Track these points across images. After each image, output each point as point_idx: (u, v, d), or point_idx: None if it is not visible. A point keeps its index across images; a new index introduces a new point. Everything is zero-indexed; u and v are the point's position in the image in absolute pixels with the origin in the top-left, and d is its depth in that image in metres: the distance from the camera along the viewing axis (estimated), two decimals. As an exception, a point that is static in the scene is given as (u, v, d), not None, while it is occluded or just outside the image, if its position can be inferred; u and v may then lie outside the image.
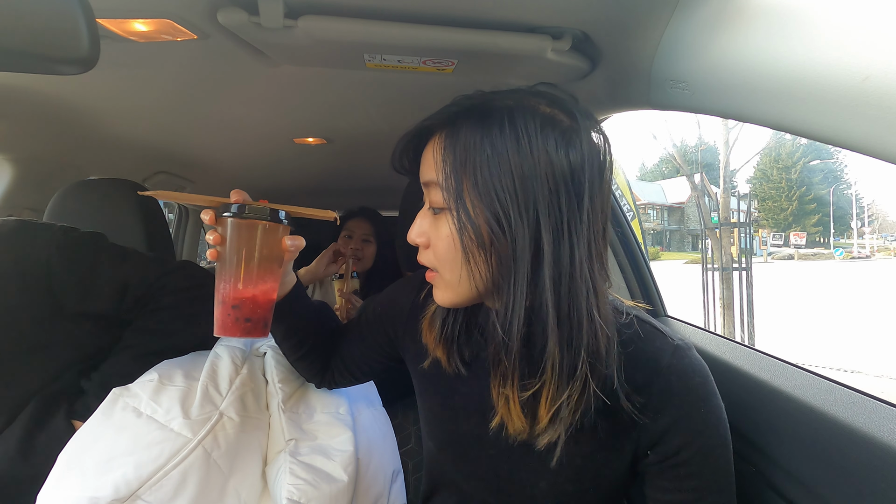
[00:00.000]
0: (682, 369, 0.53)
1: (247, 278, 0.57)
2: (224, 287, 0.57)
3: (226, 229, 0.57)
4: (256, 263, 0.58)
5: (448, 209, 0.50)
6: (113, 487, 0.58)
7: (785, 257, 29.45)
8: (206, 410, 0.69)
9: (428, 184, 0.53)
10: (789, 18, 0.46)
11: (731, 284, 6.34)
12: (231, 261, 0.57)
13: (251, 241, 0.58)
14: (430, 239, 0.54)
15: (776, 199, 36.00)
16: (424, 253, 0.55)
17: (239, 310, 0.57)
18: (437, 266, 0.54)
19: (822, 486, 0.54)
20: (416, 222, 0.55)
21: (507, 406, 0.51)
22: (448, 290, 0.54)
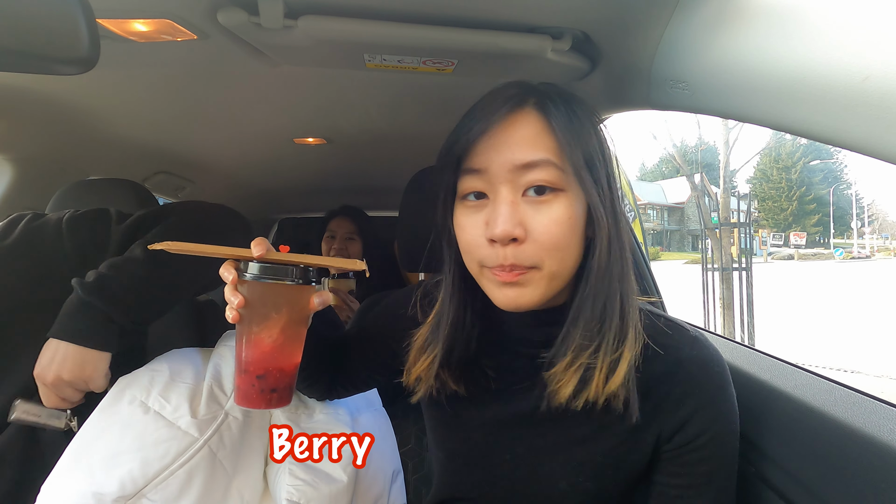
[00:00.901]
0: (703, 360, 0.54)
1: (274, 346, 0.51)
2: (248, 355, 0.51)
3: (249, 291, 0.50)
4: (284, 329, 0.51)
5: (566, 190, 0.48)
6: (119, 484, 0.58)
7: (785, 257, 29.46)
8: (212, 410, 0.69)
9: (532, 164, 0.47)
10: (789, 18, 0.46)
11: (731, 284, 6.34)
12: (256, 327, 0.51)
13: (279, 305, 0.51)
14: (528, 228, 0.48)
15: (776, 199, 36.02)
16: (520, 249, 0.47)
17: (264, 380, 0.52)
18: (539, 259, 0.48)
19: (822, 486, 0.54)
20: (505, 211, 0.47)
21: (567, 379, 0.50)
22: (542, 286, 0.49)
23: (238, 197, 2.28)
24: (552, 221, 0.47)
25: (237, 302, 0.49)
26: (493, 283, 0.51)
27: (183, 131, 1.29)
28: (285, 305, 0.51)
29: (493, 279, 0.50)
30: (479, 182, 0.50)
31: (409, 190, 1.00)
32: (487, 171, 0.49)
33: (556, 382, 0.51)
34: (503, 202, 0.48)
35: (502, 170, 0.48)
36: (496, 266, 0.49)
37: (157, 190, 1.74)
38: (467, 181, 0.51)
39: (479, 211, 0.51)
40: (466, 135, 0.50)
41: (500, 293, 0.50)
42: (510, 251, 0.48)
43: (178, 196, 2.00)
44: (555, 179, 0.48)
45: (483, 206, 0.50)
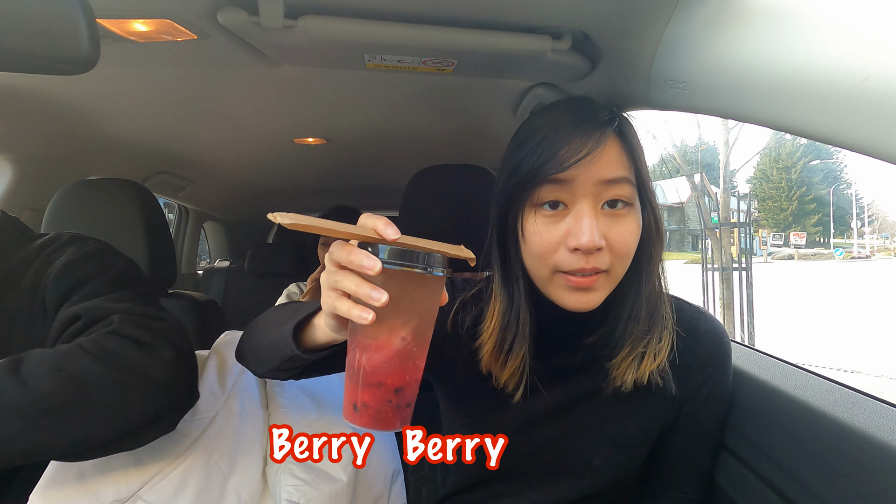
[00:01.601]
0: (717, 333, 0.64)
1: (412, 355, 0.42)
2: (385, 364, 0.41)
3: (392, 284, 0.40)
4: (421, 333, 0.43)
5: (634, 205, 0.54)
6: (114, 487, 0.58)
7: (785, 257, 29.46)
8: (206, 410, 0.69)
9: (614, 180, 0.52)
10: (789, 19, 0.46)
11: (731, 284, 6.34)
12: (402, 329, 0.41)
13: (425, 299, 0.42)
14: (607, 239, 0.52)
15: (776, 199, 36.00)
16: (600, 256, 0.52)
17: (402, 394, 0.42)
18: (612, 265, 0.53)
19: (822, 486, 0.54)
20: (590, 224, 0.51)
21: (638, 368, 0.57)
22: (608, 288, 0.55)
23: (238, 197, 2.28)
24: (627, 232, 0.53)
25: (384, 298, 0.38)
26: (565, 288, 0.54)
27: (183, 131, 1.29)
28: (425, 301, 0.42)
29: (565, 284, 0.54)
30: (563, 192, 0.53)
31: (409, 190, 1.00)
32: (573, 182, 0.52)
33: (618, 370, 0.58)
34: (587, 214, 0.52)
35: (588, 183, 0.52)
36: (575, 270, 0.52)
37: (157, 190, 1.74)
38: (549, 190, 0.53)
39: (557, 220, 0.53)
40: (555, 146, 0.52)
41: (572, 297, 0.54)
42: (591, 259, 0.52)
43: (178, 196, 2.00)
44: (629, 195, 0.54)
45: (561, 215, 0.53)
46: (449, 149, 1.53)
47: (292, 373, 0.58)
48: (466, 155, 1.53)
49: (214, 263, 2.80)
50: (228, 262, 2.73)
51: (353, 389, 0.42)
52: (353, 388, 0.42)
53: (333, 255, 0.41)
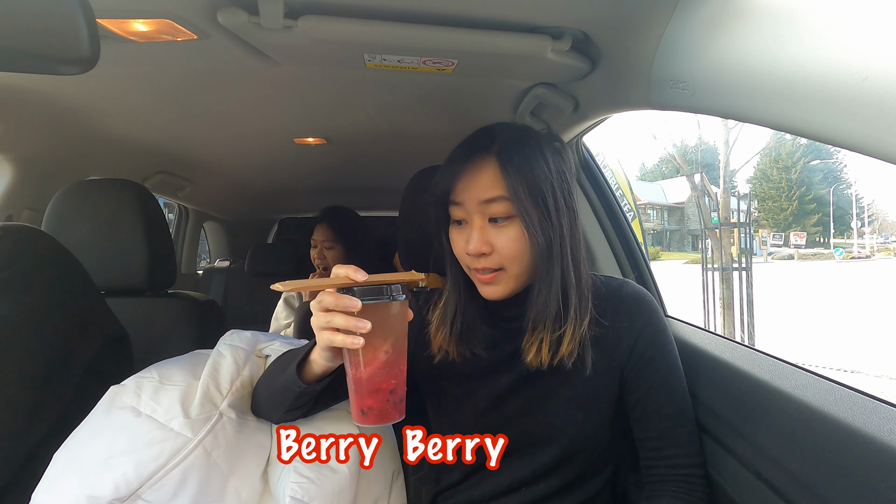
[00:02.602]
0: (637, 293, 0.75)
1: (398, 359, 0.55)
2: (379, 374, 0.54)
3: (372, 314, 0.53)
4: (400, 343, 0.56)
5: (517, 216, 0.65)
6: (113, 486, 0.58)
7: (785, 257, 29.45)
8: (207, 410, 0.69)
9: (492, 199, 0.65)
10: (789, 18, 0.46)
11: (731, 284, 6.35)
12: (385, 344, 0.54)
13: (400, 321, 0.56)
14: (493, 245, 0.66)
15: (776, 199, 35.98)
16: (488, 258, 0.66)
17: (395, 393, 0.55)
18: (504, 265, 0.67)
19: (822, 486, 0.54)
20: (476, 235, 0.66)
21: (539, 347, 0.68)
22: (510, 283, 0.68)
23: (238, 197, 2.28)
24: (509, 240, 0.66)
25: (367, 326, 0.51)
26: (477, 281, 0.70)
27: (183, 131, 1.29)
28: (398, 320, 0.55)
29: (476, 279, 0.70)
30: (460, 212, 0.68)
31: (410, 190, 1.00)
32: (464, 204, 0.67)
33: (527, 346, 0.69)
34: (475, 228, 0.67)
35: (473, 203, 0.66)
36: (474, 269, 0.69)
37: (157, 190, 1.74)
38: (454, 211, 0.69)
39: (462, 231, 0.69)
40: (449, 176, 0.67)
41: (482, 288, 0.70)
42: (482, 260, 0.67)
43: (178, 196, 2.00)
44: (508, 211, 0.65)
45: (464, 228, 0.69)
46: (449, 149, 1.52)
47: (303, 410, 0.69)
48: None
49: (214, 263, 2.80)
50: (228, 262, 2.73)
51: (358, 399, 0.55)
52: (358, 398, 0.55)
53: (323, 303, 0.53)
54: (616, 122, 0.97)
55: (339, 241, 1.68)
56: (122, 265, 1.03)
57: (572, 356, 0.67)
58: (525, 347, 0.69)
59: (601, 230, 1.28)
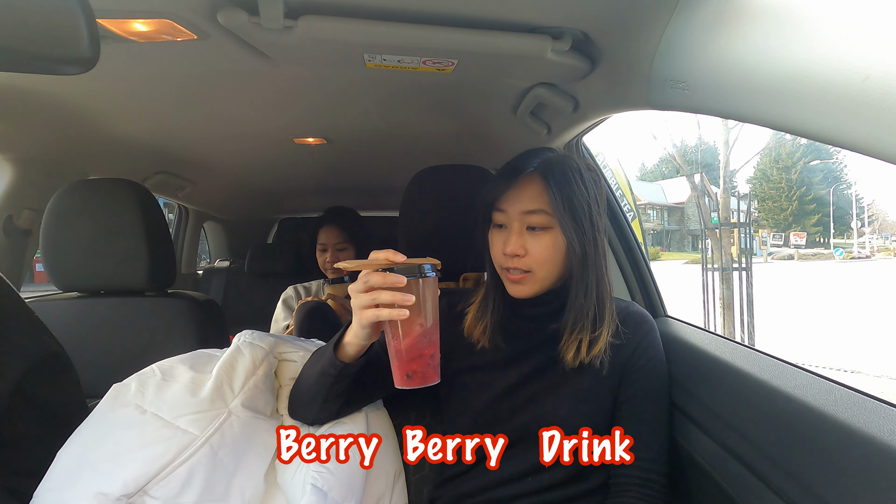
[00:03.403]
0: (640, 312, 0.84)
1: (433, 329, 0.63)
2: (420, 340, 0.62)
3: (417, 289, 0.61)
4: (435, 314, 0.64)
5: (553, 227, 0.74)
6: (122, 483, 0.59)
7: (785, 257, 29.44)
8: (217, 406, 0.69)
9: (533, 211, 0.74)
10: (789, 18, 0.46)
11: (731, 284, 6.34)
12: (424, 316, 0.62)
13: (433, 295, 0.63)
14: (528, 249, 0.74)
15: (776, 199, 35.96)
16: (521, 260, 0.75)
17: (434, 357, 0.63)
18: (532, 267, 0.75)
19: (822, 486, 0.54)
20: (514, 239, 0.74)
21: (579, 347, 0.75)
22: (535, 285, 0.76)
23: (238, 197, 2.28)
24: (542, 246, 0.75)
25: (412, 300, 0.59)
26: (507, 280, 0.78)
27: (183, 131, 1.29)
28: (433, 294, 0.63)
29: (507, 278, 0.78)
30: (503, 217, 0.76)
31: (410, 190, 1.00)
32: (507, 212, 0.76)
33: (566, 346, 0.76)
34: (514, 232, 0.75)
35: (515, 212, 0.75)
36: (507, 268, 0.76)
37: (157, 190, 1.74)
38: (497, 216, 0.77)
39: (501, 234, 0.77)
40: (497, 187, 0.76)
41: (512, 287, 0.78)
42: (515, 261, 0.75)
43: (178, 196, 2.00)
44: (545, 223, 0.74)
45: (504, 232, 0.77)
46: (449, 149, 1.53)
47: (338, 402, 0.74)
48: (466, 155, 1.53)
49: (214, 263, 2.80)
50: (228, 262, 2.73)
51: (401, 365, 0.62)
52: (402, 364, 0.62)
53: (370, 282, 0.60)
54: (616, 122, 0.97)
55: (351, 241, 1.65)
56: (122, 265, 1.04)
57: (600, 356, 0.75)
58: (563, 347, 0.76)
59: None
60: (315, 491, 0.66)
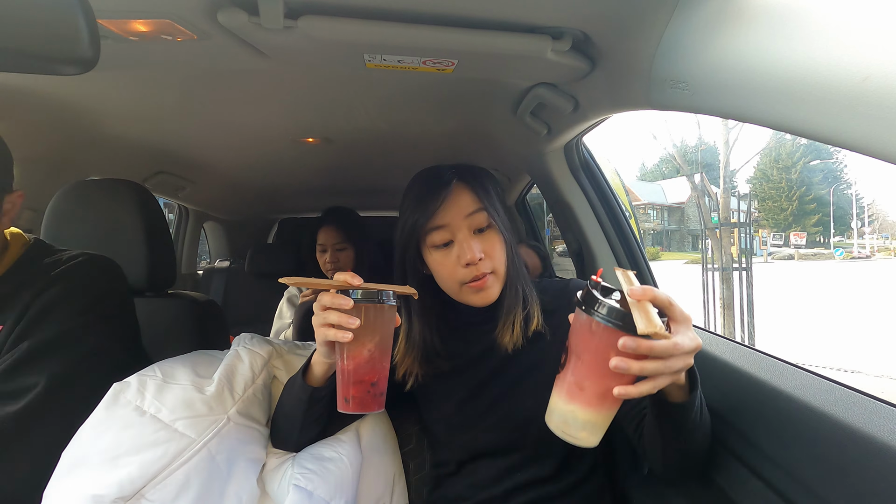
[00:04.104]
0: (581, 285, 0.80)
1: (382, 355, 0.62)
2: (363, 367, 0.61)
3: (362, 314, 0.60)
4: (386, 342, 0.63)
5: (492, 225, 0.76)
6: (118, 485, 0.58)
7: (785, 257, 29.43)
8: (216, 412, 0.69)
9: (474, 212, 0.75)
10: (789, 18, 0.46)
11: (731, 284, 6.34)
12: (370, 342, 0.61)
13: (384, 322, 0.62)
14: (484, 251, 0.74)
15: (776, 199, 35.95)
16: (485, 263, 0.74)
17: (377, 385, 0.62)
18: (494, 266, 0.75)
19: (822, 486, 0.54)
20: (469, 245, 0.74)
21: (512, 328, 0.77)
22: (498, 283, 0.77)
23: (238, 197, 2.28)
24: (493, 245, 0.76)
25: (356, 324, 0.59)
26: (471, 293, 0.76)
27: (183, 131, 1.29)
28: (386, 323, 0.63)
29: (470, 290, 0.76)
30: (446, 234, 0.75)
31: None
32: (449, 224, 0.75)
33: (500, 337, 0.78)
34: (466, 240, 0.74)
35: (458, 219, 0.75)
36: (472, 279, 0.75)
37: (157, 190, 1.74)
38: (436, 235, 0.75)
39: (449, 252, 0.76)
40: (425, 208, 0.74)
41: (477, 297, 0.76)
42: (480, 266, 0.74)
43: (178, 196, 2.00)
44: (487, 221, 0.76)
45: (450, 249, 0.76)
46: (449, 149, 1.53)
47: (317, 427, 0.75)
48: (466, 155, 1.53)
49: (214, 264, 2.80)
50: (228, 263, 2.73)
51: (343, 388, 0.62)
52: (344, 387, 0.62)
53: (322, 301, 0.61)
54: (616, 122, 0.97)
55: (350, 241, 1.66)
56: (122, 265, 1.03)
57: (539, 330, 0.78)
58: (499, 334, 0.78)
59: (601, 230, 1.28)
60: (298, 490, 0.67)
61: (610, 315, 0.51)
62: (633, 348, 0.48)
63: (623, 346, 0.48)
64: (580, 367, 0.54)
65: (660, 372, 0.50)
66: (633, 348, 0.48)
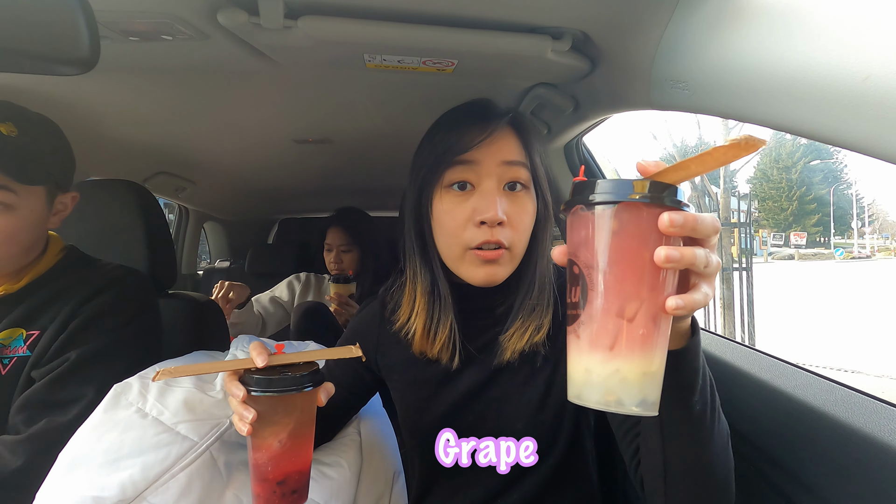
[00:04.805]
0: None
1: (290, 451, 0.53)
2: (266, 463, 0.52)
3: (260, 404, 0.51)
4: (296, 433, 0.53)
5: (529, 189, 0.61)
6: (120, 488, 0.58)
7: (785, 257, 29.44)
8: (218, 415, 0.69)
9: (513, 162, 0.60)
10: (789, 18, 0.46)
11: (731, 284, 6.34)
12: (271, 436, 0.52)
13: (290, 412, 0.52)
14: (508, 215, 0.59)
15: (776, 199, 35.96)
16: (502, 230, 0.59)
17: (285, 484, 0.53)
18: (513, 241, 0.60)
19: (822, 486, 0.54)
20: (493, 199, 0.58)
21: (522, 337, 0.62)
22: (510, 264, 0.62)
23: (238, 197, 2.28)
24: (523, 211, 0.60)
25: (251, 417, 0.50)
26: (475, 263, 0.60)
27: (183, 131, 1.29)
28: (296, 411, 0.52)
29: (475, 259, 0.60)
30: (469, 173, 0.60)
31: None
32: (480, 163, 0.59)
33: (509, 342, 0.63)
34: (491, 192, 0.59)
35: (492, 164, 0.59)
36: (482, 243, 0.59)
37: (157, 191, 1.74)
38: (457, 172, 0.60)
39: (464, 200, 0.60)
40: (468, 134, 0.60)
41: (481, 271, 0.60)
42: (496, 231, 0.58)
43: (178, 196, 2.00)
44: (525, 179, 0.61)
45: (468, 195, 0.60)
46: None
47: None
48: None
49: (215, 264, 2.80)
50: (229, 263, 2.73)
51: (251, 484, 0.54)
52: (251, 483, 0.54)
53: (224, 386, 0.53)
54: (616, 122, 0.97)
55: (356, 244, 1.67)
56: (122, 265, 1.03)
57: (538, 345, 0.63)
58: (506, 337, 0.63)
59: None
60: None
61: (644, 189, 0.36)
62: (680, 223, 0.34)
63: (671, 221, 0.34)
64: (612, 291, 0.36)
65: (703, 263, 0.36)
66: (680, 223, 0.34)
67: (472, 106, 0.65)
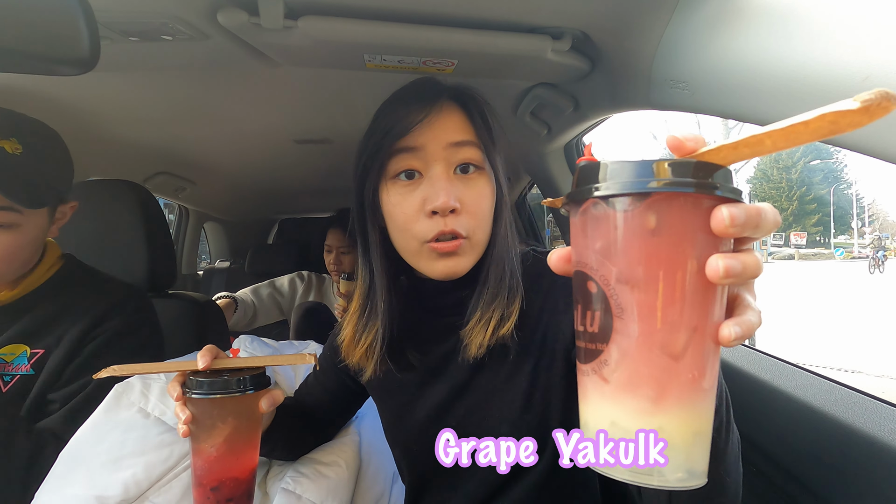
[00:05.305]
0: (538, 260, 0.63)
1: (224, 456, 0.51)
2: (201, 467, 0.51)
3: (195, 406, 0.51)
4: (232, 439, 0.51)
5: (483, 169, 0.55)
6: (122, 487, 0.58)
7: (785, 257, 29.43)
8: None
9: (461, 143, 0.54)
10: (789, 18, 0.46)
11: (731, 284, 6.33)
12: (205, 440, 0.51)
13: (224, 416, 0.51)
14: (462, 201, 0.53)
15: (776, 199, 35.96)
16: (457, 219, 0.53)
17: (219, 491, 0.51)
18: (472, 229, 0.54)
19: (822, 486, 0.54)
20: (443, 185, 0.52)
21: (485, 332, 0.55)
22: (472, 254, 0.56)
23: (238, 197, 2.28)
24: (479, 195, 0.55)
25: (185, 418, 0.50)
26: (432, 257, 0.55)
27: (183, 131, 1.29)
28: (230, 416, 0.51)
29: (431, 253, 0.55)
30: (415, 160, 0.55)
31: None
32: (424, 149, 0.54)
33: (470, 336, 0.56)
34: (440, 178, 0.53)
35: (438, 147, 0.54)
36: (436, 235, 0.53)
37: (157, 191, 1.74)
38: (402, 160, 0.55)
39: (413, 189, 0.55)
40: (406, 117, 0.54)
41: (440, 264, 0.55)
42: (450, 221, 0.53)
43: (178, 197, 2.00)
44: (478, 159, 0.55)
45: (416, 184, 0.55)
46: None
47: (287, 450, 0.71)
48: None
49: (215, 264, 2.80)
50: (229, 263, 2.73)
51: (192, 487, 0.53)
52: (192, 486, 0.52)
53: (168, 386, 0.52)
54: (616, 122, 0.97)
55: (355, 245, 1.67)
56: (122, 266, 1.03)
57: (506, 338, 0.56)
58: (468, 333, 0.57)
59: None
60: (285, 494, 0.65)
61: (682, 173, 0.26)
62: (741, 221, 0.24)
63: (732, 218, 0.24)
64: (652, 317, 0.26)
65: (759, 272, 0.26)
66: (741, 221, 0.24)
67: (412, 85, 0.59)
